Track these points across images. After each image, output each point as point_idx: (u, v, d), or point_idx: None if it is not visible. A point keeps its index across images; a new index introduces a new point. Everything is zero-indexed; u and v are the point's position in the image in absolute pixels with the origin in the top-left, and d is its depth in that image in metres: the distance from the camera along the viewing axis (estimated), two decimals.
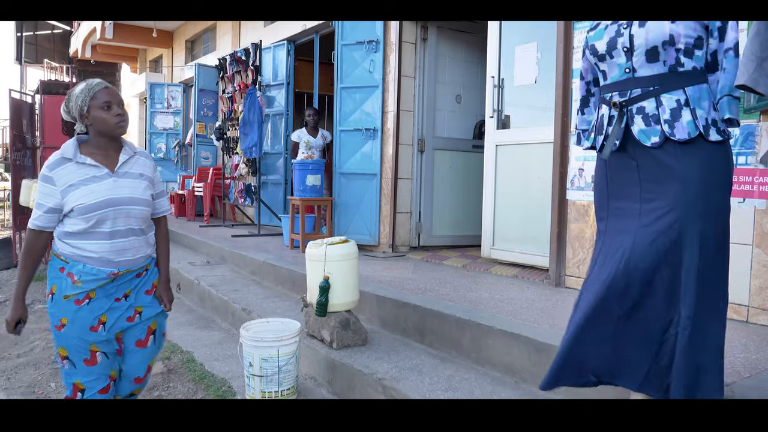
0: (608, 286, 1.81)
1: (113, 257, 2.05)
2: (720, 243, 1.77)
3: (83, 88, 2.04)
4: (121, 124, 2.06)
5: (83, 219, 1.99)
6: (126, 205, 2.06)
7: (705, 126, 1.74)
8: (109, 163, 2.08)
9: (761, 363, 2.30)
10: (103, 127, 2.03)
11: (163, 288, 2.28)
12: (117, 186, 2.06)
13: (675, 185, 1.74)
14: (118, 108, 2.05)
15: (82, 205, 1.97)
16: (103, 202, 2.00)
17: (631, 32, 1.82)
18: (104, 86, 2.06)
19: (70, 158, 2.01)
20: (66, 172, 2.00)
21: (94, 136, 2.07)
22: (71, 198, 1.98)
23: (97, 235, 2.03)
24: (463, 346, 2.90)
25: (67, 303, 2.02)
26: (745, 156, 2.94)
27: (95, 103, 2.02)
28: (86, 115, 2.03)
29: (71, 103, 2.05)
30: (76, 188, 1.98)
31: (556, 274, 3.77)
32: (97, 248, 2.03)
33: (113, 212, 2.03)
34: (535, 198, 4.21)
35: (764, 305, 2.84)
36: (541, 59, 4.30)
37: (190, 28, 11.28)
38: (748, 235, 2.90)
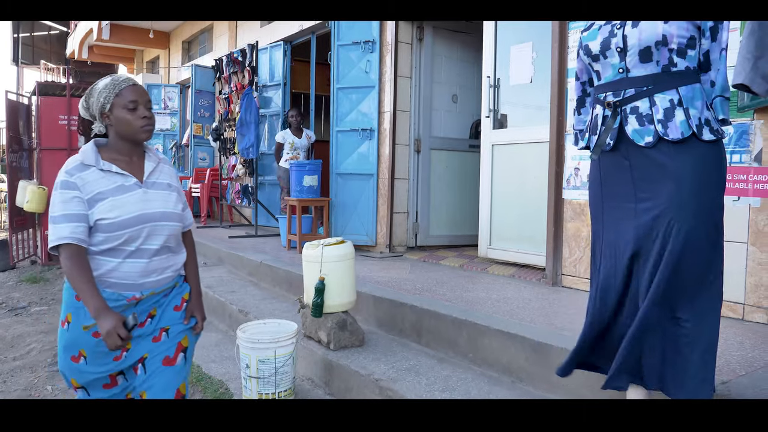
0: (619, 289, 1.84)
1: (137, 279, 1.78)
2: (713, 241, 1.78)
3: (108, 84, 1.78)
4: (147, 128, 1.80)
5: (110, 237, 1.71)
6: (159, 221, 1.79)
7: (698, 125, 1.75)
8: (134, 170, 1.82)
9: (757, 360, 2.30)
10: (126, 130, 1.78)
11: (195, 304, 1.98)
12: (147, 198, 1.79)
13: (669, 184, 1.75)
14: (144, 109, 1.79)
15: (110, 221, 1.70)
16: (134, 218, 1.73)
17: (625, 32, 1.82)
18: (132, 83, 1.80)
19: (92, 164, 1.75)
20: (90, 177, 1.73)
21: (115, 139, 1.81)
22: (97, 210, 1.70)
23: (122, 254, 1.74)
24: (460, 346, 2.91)
25: (86, 335, 1.76)
26: (740, 154, 2.95)
27: (120, 102, 1.76)
28: (108, 114, 1.78)
29: (92, 99, 1.79)
30: (104, 199, 1.71)
31: (553, 273, 3.78)
32: (120, 269, 1.75)
33: (146, 229, 1.76)
34: (531, 197, 4.22)
35: (759, 303, 2.85)
36: (536, 59, 4.31)
37: (186, 29, 11.28)
38: (743, 233, 2.91)
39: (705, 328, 1.77)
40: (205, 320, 2.00)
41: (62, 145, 7.12)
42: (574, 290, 3.65)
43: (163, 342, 1.86)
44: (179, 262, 1.91)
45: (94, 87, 1.81)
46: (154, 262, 1.80)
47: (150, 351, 1.83)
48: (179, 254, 1.91)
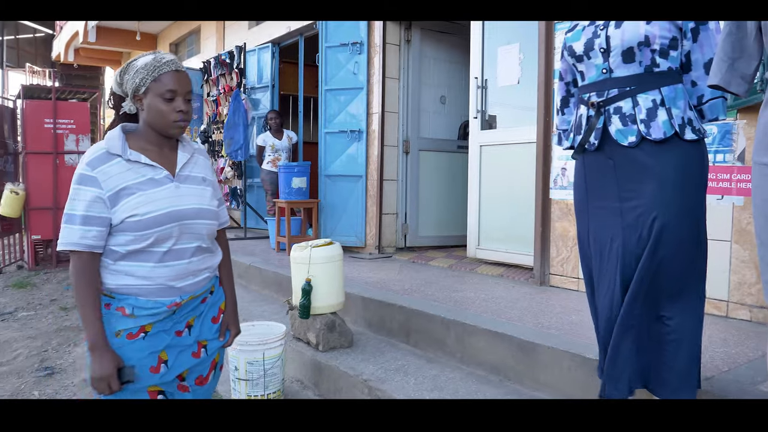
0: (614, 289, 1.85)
1: (174, 283, 1.59)
2: (696, 239, 1.80)
3: (148, 64, 1.57)
4: (181, 123, 1.59)
5: (138, 236, 1.52)
6: (192, 219, 1.61)
7: (681, 125, 1.77)
8: (166, 162, 1.63)
9: (740, 357, 2.33)
10: (157, 121, 1.58)
11: (231, 316, 1.80)
12: (180, 194, 1.60)
13: (652, 184, 1.77)
14: (182, 101, 1.58)
15: (138, 219, 1.50)
16: (165, 215, 1.54)
17: (608, 33, 1.84)
18: (174, 68, 1.58)
19: (118, 154, 1.54)
20: (115, 170, 1.52)
21: (145, 126, 1.61)
22: (123, 207, 1.50)
23: (153, 256, 1.56)
24: (449, 345, 2.92)
25: (118, 340, 1.54)
26: (723, 154, 2.98)
27: (156, 88, 1.56)
28: (141, 98, 1.58)
29: (127, 76, 1.59)
30: (130, 194, 1.52)
31: (541, 272, 3.80)
32: (154, 274, 1.55)
33: (177, 228, 1.57)
34: (519, 197, 4.24)
35: (743, 300, 2.88)
36: (523, 60, 4.34)
37: (174, 31, 11.23)
38: (726, 231, 2.94)
39: (689, 326, 1.79)
40: (239, 334, 1.83)
41: (48, 149, 7.07)
42: (561, 289, 3.68)
43: (202, 359, 1.69)
44: (215, 263, 1.74)
45: (132, 64, 1.60)
46: (192, 263, 1.62)
47: (190, 368, 1.67)
48: (216, 254, 1.74)
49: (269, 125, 6.64)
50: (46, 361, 3.80)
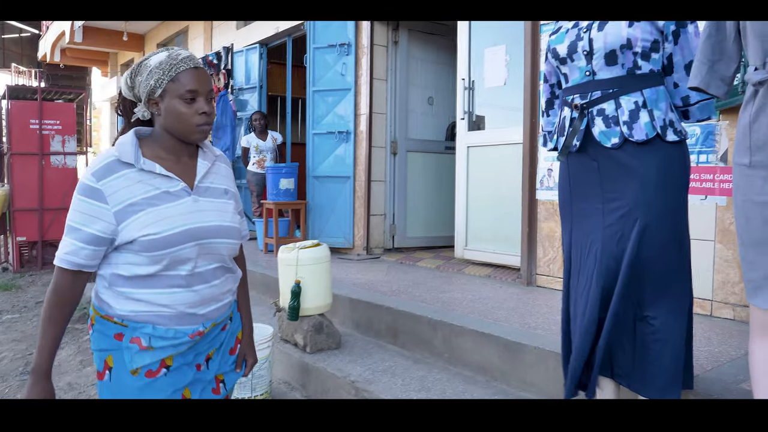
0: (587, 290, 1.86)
1: (197, 309, 1.42)
2: (679, 239, 1.82)
3: (163, 62, 1.38)
4: (204, 127, 1.41)
5: (151, 258, 1.34)
6: (212, 237, 1.42)
7: (662, 127, 1.79)
8: (184, 172, 1.44)
9: (723, 355, 2.36)
10: (177, 126, 1.39)
11: (248, 344, 1.65)
12: (198, 209, 1.41)
13: (634, 185, 1.78)
14: (204, 102, 1.40)
15: (152, 237, 1.32)
16: (182, 234, 1.36)
17: (591, 36, 1.86)
18: (193, 65, 1.40)
19: (130, 163, 1.36)
20: (124, 183, 1.34)
21: (162, 132, 1.43)
22: (134, 225, 1.32)
23: (172, 280, 1.38)
24: (436, 346, 2.93)
25: (136, 380, 1.37)
26: (706, 154, 3.01)
27: (175, 89, 1.37)
28: (156, 101, 1.39)
29: (139, 78, 1.40)
30: (141, 210, 1.33)
31: (528, 273, 3.82)
32: (173, 300, 1.38)
33: (195, 249, 1.39)
34: (506, 198, 4.26)
35: (727, 299, 2.92)
36: (510, 62, 4.36)
37: (161, 32, 11.17)
38: (710, 231, 2.97)
39: (674, 327, 1.81)
40: (255, 363, 1.68)
41: (33, 150, 7.01)
42: (548, 290, 3.70)
43: (221, 395, 1.55)
44: (236, 285, 1.58)
45: (144, 62, 1.42)
46: (215, 286, 1.45)
47: None
48: (236, 274, 1.57)
49: (254, 126, 6.62)
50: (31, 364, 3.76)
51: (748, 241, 1.56)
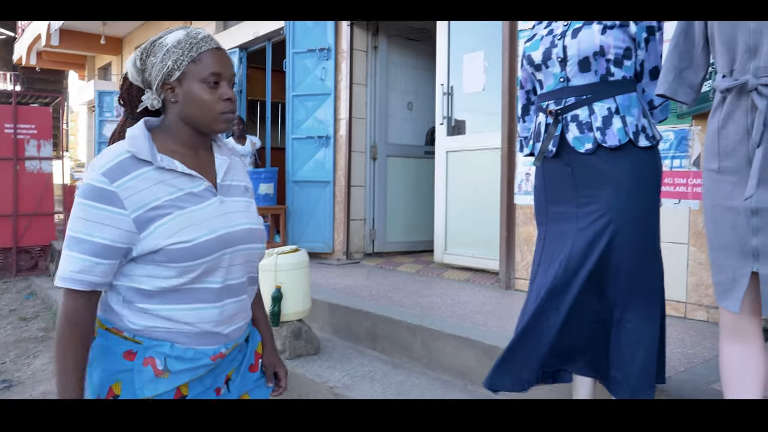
0: (552, 288, 1.87)
1: (222, 328, 1.24)
2: (651, 243, 1.85)
3: (182, 41, 1.20)
4: (228, 116, 1.24)
5: (181, 269, 1.16)
6: (246, 243, 1.26)
7: (635, 132, 1.82)
8: (203, 169, 1.26)
9: (696, 357, 2.40)
10: (199, 114, 1.21)
11: (274, 356, 1.47)
12: (227, 211, 1.25)
13: (608, 189, 1.81)
14: (228, 87, 1.23)
15: (183, 246, 1.15)
16: (216, 241, 1.19)
17: (565, 43, 1.88)
18: (215, 46, 1.23)
19: (147, 160, 1.17)
20: (143, 183, 1.15)
21: (177, 122, 1.24)
22: (159, 232, 1.14)
23: (201, 294, 1.20)
24: (415, 351, 2.93)
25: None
26: (680, 159, 3.07)
27: (196, 71, 1.20)
28: (173, 86, 1.21)
29: (153, 59, 1.21)
30: (167, 214, 1.16)
31: (506, 276, 3.85)
32: (200, 317, 1.20)
33: (229, 257, 1.23)
34: (485, 203, 4.29)
35: (700, 301, 2.97)
36: (488, 67, 4.40)
37: (140, 35, 11.07)
38: (684, 234, 3.02)
39: (647, 330, 1.83)
40: (287, 373, 1.51)
41: (8, 154, 6.89)
42: (526, 293, 3.72)
43: None
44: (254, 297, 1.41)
45: (159, 41, 1.23)
46: (243, 301, 1.29)
47: None
48: (256, 285, 1.40)
49: (232, 131, 6.59)
50: (4, 373, 3.70)
51: (716, 245, 1.59)
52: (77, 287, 1.13)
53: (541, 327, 1.89)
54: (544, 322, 1.88)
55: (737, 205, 1.50)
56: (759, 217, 1.46)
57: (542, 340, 1.88)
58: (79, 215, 1.13)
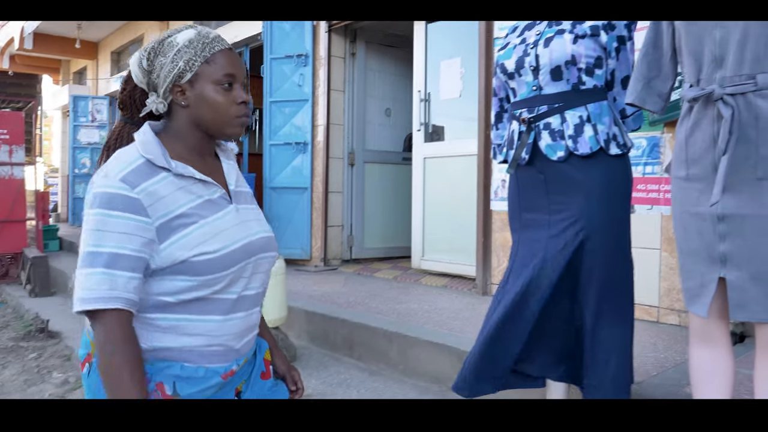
0: (524, 293, 1.89)
1: (235, 343, 1.18)
2: (622, 249, 1.88)
3: (194, 39, 1.14)
4: (243, 119, 1.18)
5: (204, 282, 1.09)
6: (263, 252, 1.22)
7: (606, 140, 1.84)
8: (213, 175, 1.20)
9: (668, 361, 2.43)
10: (211, 117, 1.15)
11: (283, 360, 1.42)
12: (244, 219, 1.21)
13: (579, 197, 1.83)
14: (242, 90, 1.18)
15: (209, 257, 1.09)
16: (241, 251, 1.15)
17: (537, 52, 1.90)
18: (228, 46, 1.18)
19: (163, 166, 1.10)
20: (164, 189, 1.09)
21: (187, 126, 1.17)
22: (183, 242, 1.08)
23: (219, 305, 1.14)
24: (391, 358, 2.93)
25: None
26: (652, 166, 3.12)
27: (210, 72, 1.14)
28: (183, 88, 1.14)
29: (162, 59, 1.14)
30: (192, 223, 1.10)
31: (483, 282, 3.87)
32: (219, 331, 1.14)
33: (251, 267, 1.18)
34: (462, 209, 4.31)
35: (672, 306, 3.01)
36: (465, 74, 4.43)
37: (116, 39, 10.95)
38: (656, 239, 3.07)
39: (619, 336, 1.86)
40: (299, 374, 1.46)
41: None
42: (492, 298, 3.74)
43: None
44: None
45: (168, 40, 1.15)
46: (253, 314, 1.23)
47: None
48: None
49: None
50: None
51: (685, 250, 1.62)
52: (119, 306, 1.01)
53: (511, 332, 1.90)
54: (513, 327, 1.89)
55: (704, 212, 1.53)
56: (725, 224, 1.49)
57: (512, 345, 1.90)
58: (99, 227, 1.03)
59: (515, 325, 1.89)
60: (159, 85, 1.15)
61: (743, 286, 1.48)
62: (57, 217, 12.29)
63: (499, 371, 1.91)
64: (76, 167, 10.43)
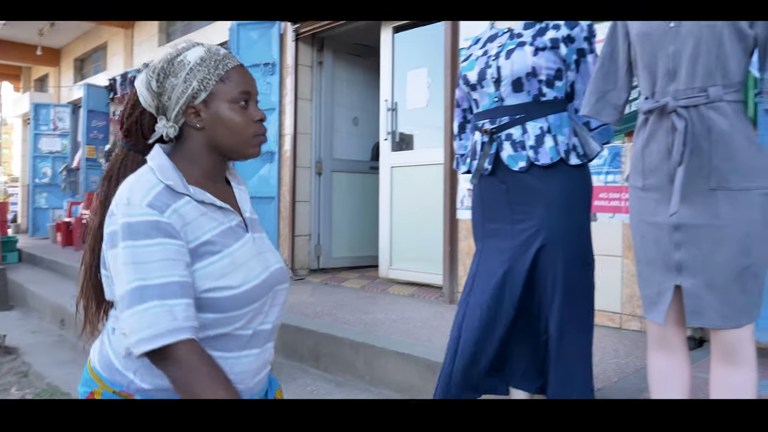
0: (490, 304, 1.90)
1: (251, 379, 1.11)
2: (583, 258, 1.91)
3: (206, 57, 1.08)
4: (261, 138, 1.14)
5: (225, 318, 1.04)
6: (280, 284, 1.17)
7: (566, 151, 1.87)
8: (229, 202, 1.14)
9: (629, 366, 2.47)
10: (229, 138, 1.09)
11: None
12: (261, 250, 1.15)
13: (540, 206, 1.86)
14: (257, 108, 1.14)
15: (232, 293, 1.04)
16: (262, 285, 1.09)
17: (499, 64, 1.93)
18: (239, 63, 1.13)
19: (181, 192, 1.04)
20: (189, 214, 1.03)
21: (202, 149, 1.11)
22: (206, 273, 1.02)
23: (235, 342, 1.07)
24: (358, 368, 2.92)
25: None
26: (613, 175, 3.18)
27: (225, 91, 1.08)
28: (197, 109, 1.08)
29: (174, 80, 1.07)
30: (217, 252, 1.04)
31: (450, 291, 3.89)
32: (238, 369, 1.08)
33: (270, 300, 1.13)
34: (429, 217, 4.33)
35: (634, 312, 3.07)
36: (431, 84, 4.46)
37: (79, 46, 10.75)
38: (618, 247, 3.13)
39: (581, 343, 1.88)
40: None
41: None
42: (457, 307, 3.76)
43: None
44: None
45: (178, 60, 1.08)
46: (267, 349, 1.15)
47: None
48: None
49: None
50: None
51: (643, 259, 1.65)
52: (182, 337, 0.93)
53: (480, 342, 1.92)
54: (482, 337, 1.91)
55: (661, 221, 1.56)
56: (680, 233, 1.53)
57: (481, 356, 1.91)
58: (137, 260, 0.95)
59: (484, 337, 1.91)
60: (170, 107, 1.08)
61: (698, 293, 1.51)
62: (17, 227, 11.96)
63: (467, 383, 1.93)
64: (36, 177, 10.18)
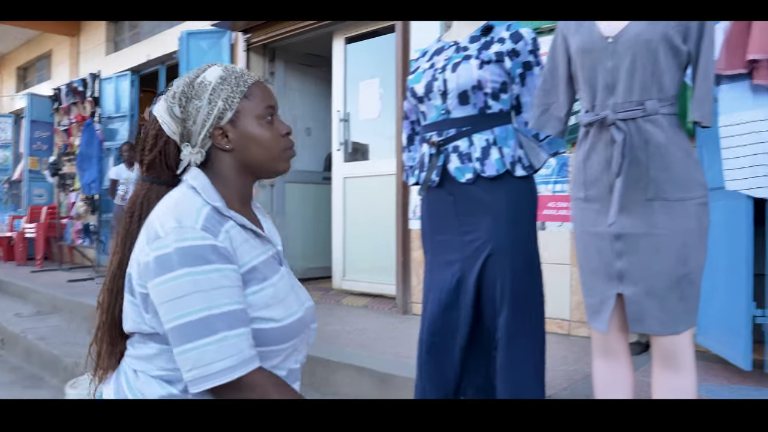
0: (444, 319, 1.93)
1: None
2: (530, 267, 1.93)
3: (225, 75, 1.04)
4: (290, 152, 1.11)
5: (266, 353, 0.98)
6: (312, 323, 1.14)
7: (512, 163, 1.90)
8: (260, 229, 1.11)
9: (578, 373, 2.52)
10: (260, 156, 1.05)
11: None
12: (294, 284, 1.12)
13: (487, 218, 1.88)
14: (282, 121, 1.11)
15: (275, 326, 0.99)
16: (299, 321, 1.05)
17: (445, 77, 1.95)
18: (257, 78, 1.10)
19: (226, 215, 1.00)
20: (237, 238, 0.99)
21: (233, 172, 1.05)
22: (254, 300, 0.98)
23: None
24: (313, 382, 2.88)
25: None
26: (561, 184, 3.25)
27: (251, 107, 1.05)
28: (225, 130, 1.03)
29: (198, 102, 1.02)
30: (264, 280, 1.00)
31: (403, 301, 3.89)
32: None
33: (303, 338, 1.09)
34: (382, 228, 4.33)
35: (582, 319, 3.13)
36: (383, 95, 4.48)
37: (22, 54, 10.38)
38: (566, 255, 3.19)
39: (532, 350, 1.91)
40: None
41: None
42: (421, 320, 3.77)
43: None
44: None
45: (197, 81, 1.03)
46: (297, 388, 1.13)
47: None
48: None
49: (123, 158, 6.29)
50: None
51: (586, 268, 1.69)
52: (253, 366, 0.91)
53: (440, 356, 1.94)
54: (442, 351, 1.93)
55: (602, 231, 1.60)
56: (621, 242, 1.57)
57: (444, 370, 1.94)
58: (197, 288, 0.88)
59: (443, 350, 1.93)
60: (195, 132, 1.02)
61: (639, 301, 1.55)
62: None
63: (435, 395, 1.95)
64: None
